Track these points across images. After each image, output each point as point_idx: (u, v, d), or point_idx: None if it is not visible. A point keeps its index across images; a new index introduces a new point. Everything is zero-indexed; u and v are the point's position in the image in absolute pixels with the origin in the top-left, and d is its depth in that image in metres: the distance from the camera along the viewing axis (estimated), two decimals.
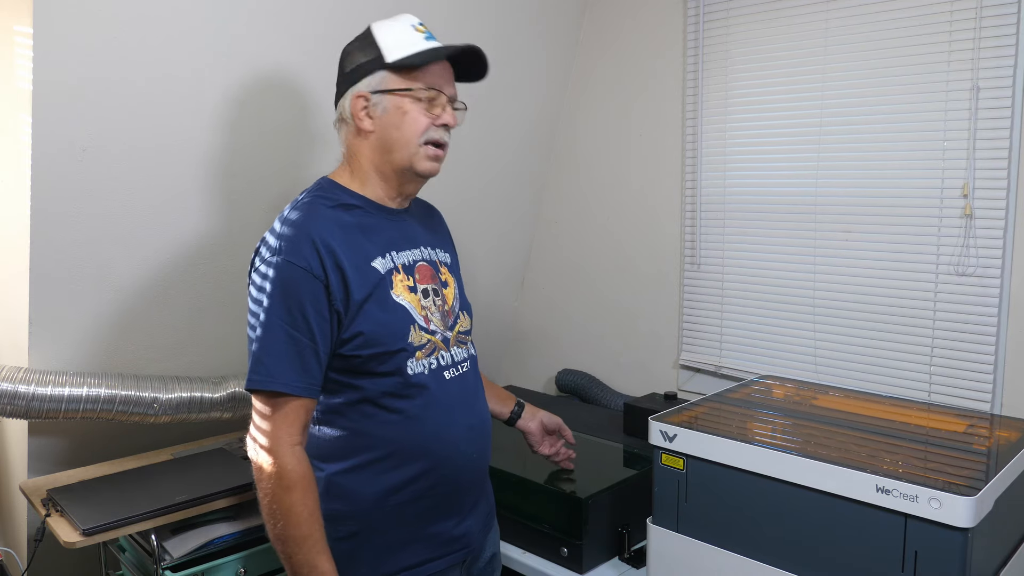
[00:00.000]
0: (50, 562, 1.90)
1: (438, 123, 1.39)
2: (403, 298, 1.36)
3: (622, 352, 2.65)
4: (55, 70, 1.58)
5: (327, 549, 1.28)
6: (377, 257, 1.36)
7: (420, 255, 1.44)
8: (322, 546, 1.27)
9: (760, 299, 2.28)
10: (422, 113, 1.37)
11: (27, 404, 1.73)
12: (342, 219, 1.36)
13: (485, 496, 1.53)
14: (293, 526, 1.25)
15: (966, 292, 1.90)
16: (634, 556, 1.72)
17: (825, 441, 1.44)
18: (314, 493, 1.28)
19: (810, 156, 2.14)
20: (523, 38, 2.47)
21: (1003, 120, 1.82)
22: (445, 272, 1.49)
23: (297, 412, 1.29)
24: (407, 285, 1.38)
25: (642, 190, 2.54)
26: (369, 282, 1.33)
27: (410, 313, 1.36)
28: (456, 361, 1.43)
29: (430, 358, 1.38)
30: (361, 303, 1.31)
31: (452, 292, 1.48)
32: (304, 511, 1.26)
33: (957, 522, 1.15)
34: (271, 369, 1.27)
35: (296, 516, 1.25)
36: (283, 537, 1.26)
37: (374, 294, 1.33)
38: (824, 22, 2.08)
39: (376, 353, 1.32)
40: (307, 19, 1.92)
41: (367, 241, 1.37)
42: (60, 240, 1.72)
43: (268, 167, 1.99)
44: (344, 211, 1.37)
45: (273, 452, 1.27)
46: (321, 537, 1.27)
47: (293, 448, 1.28)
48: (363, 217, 1.39)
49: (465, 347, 1.48)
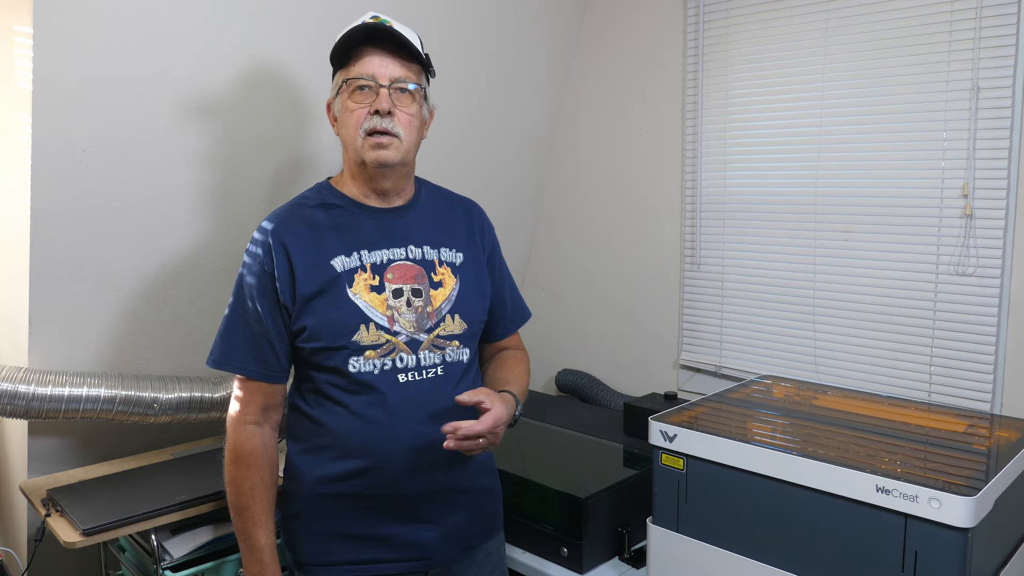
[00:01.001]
0: (50, 562, 1.90)
1: (371, 111, 1.35)
2: (360, 297, 1.37)
3: (622, 352, 2.65)
4: (55, 70, 1.58)
5: (267, 523, 1.38)
6: (340, 255, 1.38)
7: (403, 254, 1.42)
8: (261, 519, 1.37)
9: (760, 299, 2.28)
10: (359, 105, 1.36)
11: (27, 404, 1.73)
12: (316, 218, 1.41)
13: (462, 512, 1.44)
14: (235, 495, 1.38)
15: (966, 292, 1.90)
16: (634, 556, 1.72)
17: (825, 441, 1.44)
18: (261, 470, 1.38)
19: (810, 156, 2.14)
20: (523, 38, 2.47)
21: (1003, 120, 1.82)
22: (444, 272, 1.45)
23: (253, 394, 1.40)
24: (370, 284, 1.38)
25: (642, 190, 2.54)
26: (321, 279, 1.36)
27: (363, 312, 1.36)
28: (421, 365, 1.38)
29: (384, 358, 1.36)
30: (309, 298, 1.36)
31: (445, 294, 1.43)
32: (246, 484, 1.37)
33: (957, 522, 1.15)
34: (225, 351, 1.40)
35: (238, 487, 1.37)
36: (230, 505, 1.40)
37: (326, 291, 1.36)
38: (824, 22, 2.08)
39: (319, 348, 1.36)
40: (307, 19, 1.92)
41: (336, 239, 1.39)
42: (60, 240, 1.72)
43: (268, 167, 1.99)
44: (324, 210, 1.42)
45: (229, 427, 1.40)
46: (262, 511, 1.37)
47: (246, 426, 1.39)
48: (341, 216, 1.41)
49: (442, 352, 1.41)
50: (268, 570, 1.38)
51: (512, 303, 1.62)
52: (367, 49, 1.37)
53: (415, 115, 1.40)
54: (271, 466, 1.41)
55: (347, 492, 1.38)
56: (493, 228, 1.60)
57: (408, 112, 1.39)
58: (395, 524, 1.39)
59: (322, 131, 2.03)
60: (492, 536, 1.53)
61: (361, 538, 1.39)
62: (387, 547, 1.39)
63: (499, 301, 1.57)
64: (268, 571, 1.38)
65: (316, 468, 1.39)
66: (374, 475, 1.36)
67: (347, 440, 1.37)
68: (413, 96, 1.40)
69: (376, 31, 1.36)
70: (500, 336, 1.60)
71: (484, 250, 1.54)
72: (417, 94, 1.40)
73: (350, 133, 1.38)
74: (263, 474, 1.39)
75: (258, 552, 1.38)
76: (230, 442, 1.39)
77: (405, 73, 1.38)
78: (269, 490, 1.40)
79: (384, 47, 1.37)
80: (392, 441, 1.36)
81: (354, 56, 1.38)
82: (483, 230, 1.56)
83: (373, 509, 1.38)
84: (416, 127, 1.41)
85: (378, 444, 1.35)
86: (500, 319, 1.59)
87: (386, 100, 1.35)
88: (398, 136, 1.37)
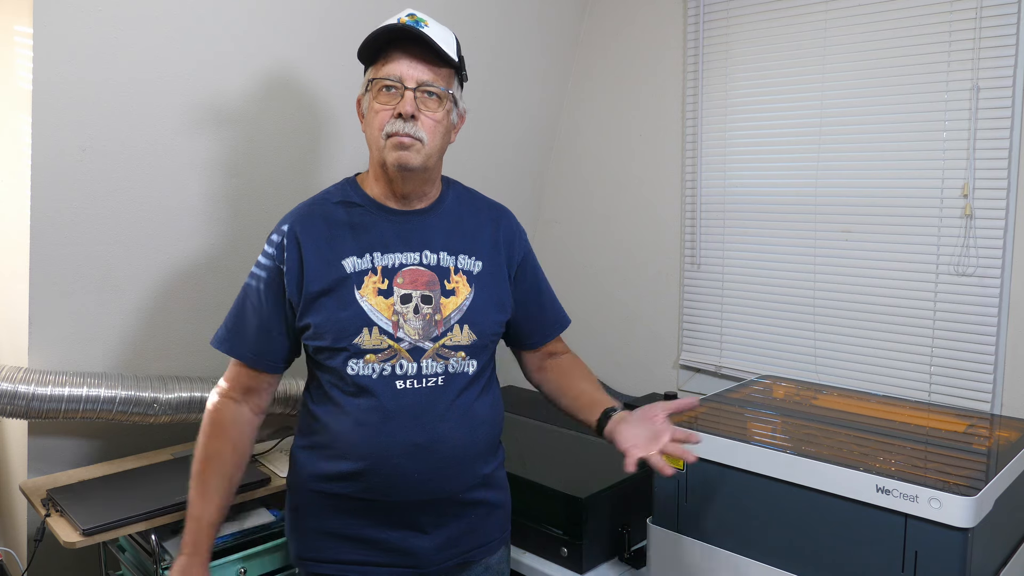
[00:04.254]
0: (50, 562, 1.90)
1: (395, 114, 1.32)
2: (367, 300, 1.35)
3: (622, 352, 2.65)
4: (55, 70, 1.58)
5: (211, 495, 1.38)
6: (352, 256, 1.37)
7: (417, 259, 1.39)
8: (206, 489, 1.38)
9: (760, 299, 2.28)
10: (384, 107, 1.33)
11: (27, 404, 1.73)
12: (335, 215, 1.40)
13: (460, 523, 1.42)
14: (194, 461, 1.41)
15: (966, 292, 1.90)
16: (634, 556, 1.72)
17: (825, 441, 1.44)
18: (223, 442, 1.40)
19: (810, 156, 2.14)
20: (523, 38, 2.47)
21: (1003, 120, 1.82)
22: (458, 280, 1.40)
23: (239, 375, 1.42)
24: (378, 287, 1.36)
25: (642, 190, 2.54)
26: (329, 278, 1.35)
27: (368, 315, 1.34)
28: (423, 373, 1.35)
29: (384, 364, 1.34)
30: (316, 296, 1.35)
31: (456, 302, 1.39)
32: (205, 451, 1.40)
33: (957, 522, 1.15)
34: (224, 333, 1.42)
35: (198, 453, 1.40)
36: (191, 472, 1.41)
37: (334, 290, 1.35)
38: (824, 22, 2.08)
39: (322, 347, 1.36)
40: (308, 18, 1.92)
41: (351, 239, 1.38)
42: (60, 240, 1.72)
43: (269, 167, 1.99)
44: (344, 208, 1.40)
45: (210, 397, 1.44)
46: (210, 481, 1.38)
47: (223, 398, 1.42)
48: (360, 216, 1.40)
49: (445, 362, 1.37)
50: (199, 543, 1.36)
51: (551, 309, 1.58)
52: (397, 49, 1.34)
53: (441, 120, 1.36)
54: (236, 443, 1.41)
55: (340, 492, 1.38)
56: (525, 234, 1.55)
57: (433, 117, 1.35)
58: (387, 529, 1.38)
59: (322, 134, 2.04)
60: (495, 551, 1.50)
61: (353, 539, 1.39)
62: (378, 551, 1.39)
63: (536, 307, 1.54)
64: (198, 544, 1.36)
65: (313, 465, 1.40)
66: (366, 479, 1.35)
67: (342, 441, 1.36)
68: (440, 100, 1.36)
69: (406, 32, 1.32)
70: (538, 343, 1.57)
71: (510, 259, 1.49)
72: (445, 98, 1.36)
73: (374, 134, 1.36)
74: (224, 447, 1.39)
75: (195, 522, 1.37)
76: (206, 411, 1.42)
77: (433, 77, 1.34)
78: (226, 464, 1.40)
79: (414, 49, 1.34)
80: (384, 447, 1.34)
81: (383, 56, 1.35)
82: (512, 239, 1.50)
83: (365, 512, 1.38)
84: (441, 132, 1.37)
85: (371, 449, 1.34)
86: (539, 326, 1.56)
87: (410, 103, 1.32)
88: (420, 140, 1.33)
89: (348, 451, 1.36)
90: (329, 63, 2.00)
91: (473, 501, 1.43)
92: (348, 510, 1.38)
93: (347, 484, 1.37)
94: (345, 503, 1.38)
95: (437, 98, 1.35)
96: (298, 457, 1.44)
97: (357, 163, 2.12)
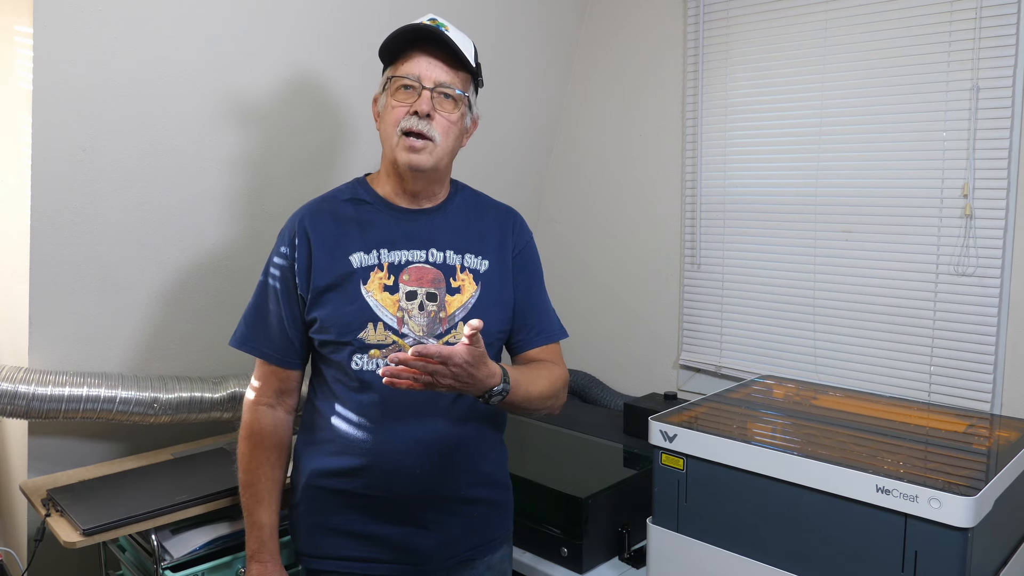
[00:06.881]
0: (50, 562, 1.90)
1: (411, 111, 1.34)
2: (373, 295, 1.37)
3: (622, 352, 2.65)
4: (55, 70, 1.58)
5: (270, 502, 1.42)
6: (359, 251, 1.38)
7: (423, 257, 1.40)
8: (263, 497, 1.41)
9: (760, 299, 2.28)
10: (400, 104, 1.36)
11: (27, 404, 1.72)
12: (344, 211, 1.42)
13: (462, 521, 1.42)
14: (243, 472, 1.43)
15: (966, 292, 1.90)
16: (634, 556, 1.73)
17: (825, 441, 1.44)
18: (268, 450, 1.42)
19: (810, 156, 2.14)
20: (523, 38, 2.47)
21: (1003, 120, 1.82)
22: (464, 279, 1.41)
23: (268, 376, 1.44)
24: (384, 283, 1.37)
25: (642, 190, 2.55)
26: (336, 272, 1.37)
27: (373, 310, 1.36)
28: None
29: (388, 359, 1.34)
30: (323, 290, 1.37)
31: (461, 300, 1.40)
32: (253, 461, 1.42)
33: (957, 522, 1.15)
34: (245, 332, 1.44)
35: (246, 464, 1.43)
36: (239, 483, 1.44)
37: (341, 285, 1.37)
38: (824, 22, 2.08)
39: (327, 341, 1.38)
40: (308, 18, 1.92)
41: (359, 235, 1.40)
42: (60, 240, 1.72)
43: (270, 167, 1.99)
44: (353, 205, 1.43)
45: (245, 407, 1.45)
46: (265, 489, 1.41)
47: (258, 407, 1.44)
48: (368, 213, 1.42)
49: None
50: (266, 548, 1.41)
51: (540, 316, 1.51)
52: (417, 50, 1.36)
53: (455, 122, 1.38)
54: (280, 447, 1.44)
55: (341, 488, 1.38)
56: (531, 235, 1.56)
57: (448, 118, 1.37)
58: (388, 526, 1.39)
59: (321, 137, 2.03)
60: (496, 549, 1.50)
61: (353, 535, 1.40)
62: (379, 548, 1.39)
63: (522, 307, 1.48)
64: (266, 549, 1.41)
65: (314, 460, 1.41)
66: (367, 475, 1.36)
67: (344, 437, 1.38)
68: (456, 103, 1.38)
69: (428, 33, 1.35)
70: (520, 348, 1.50)
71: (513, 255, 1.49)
72: (460, 101, 1.38)
73: (388, 130, 1.38)
74: (270, 454, 1.43)
75: (258, 529, 1.41)
76: (244, 421, 1.44)
77: (451, 79, 1.37)
78: (275, 470, 1.43)
79: (434, 50, 1.36)
80: (386, 443, 1.35)
81: (403, 55, 1.37)
82: (516, 238, 1.51)
83: (366, 508, 1.38)
84: (454, 134, 1.39)
85: (372, 444, 1.35)
86: (521, 327, 1.49)
87: (427, 102, 1.34)
88: (433, 140, 1.35)
89: (350, 446, 1.37)
90: (334, 62, 2.00)
91: (474, 499, 1.44)
92: (350, 506, 1.39)
93: (349, 480, 1.37)
94: (347, 499, 1.39)
95: (453, 100, 1.38)
96: (299, 454, 1.46)
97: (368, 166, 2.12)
